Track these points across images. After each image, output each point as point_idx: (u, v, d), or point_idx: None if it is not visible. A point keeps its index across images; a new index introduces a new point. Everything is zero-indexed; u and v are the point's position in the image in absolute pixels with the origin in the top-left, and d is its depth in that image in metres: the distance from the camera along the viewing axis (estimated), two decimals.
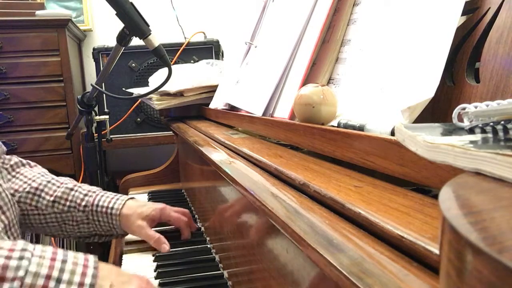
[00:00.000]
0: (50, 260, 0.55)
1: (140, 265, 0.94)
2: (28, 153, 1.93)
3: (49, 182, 0.95)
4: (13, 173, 0.96)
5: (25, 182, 0.94)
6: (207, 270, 0.88)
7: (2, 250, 0.52)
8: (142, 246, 1.02)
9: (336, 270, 0.28)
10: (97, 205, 0.94)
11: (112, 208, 0.94)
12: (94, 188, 0.99)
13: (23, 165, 0.99)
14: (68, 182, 0.98)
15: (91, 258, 0.60)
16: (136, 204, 0.97)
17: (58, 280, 0.53)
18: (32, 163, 1.01)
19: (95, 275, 0.56)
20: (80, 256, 0.59)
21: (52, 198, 0.93)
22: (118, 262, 1.00)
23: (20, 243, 0.56)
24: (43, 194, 0.93)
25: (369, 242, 0.30)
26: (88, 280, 0.55)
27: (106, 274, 0.58)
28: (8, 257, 0.52)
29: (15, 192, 0.93)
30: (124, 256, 1.01)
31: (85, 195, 0.95)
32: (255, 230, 0.59)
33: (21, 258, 0.53)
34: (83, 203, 0.94)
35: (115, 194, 0.98)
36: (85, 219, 0.94)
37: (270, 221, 0.43)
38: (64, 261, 0.56)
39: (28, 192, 0.93)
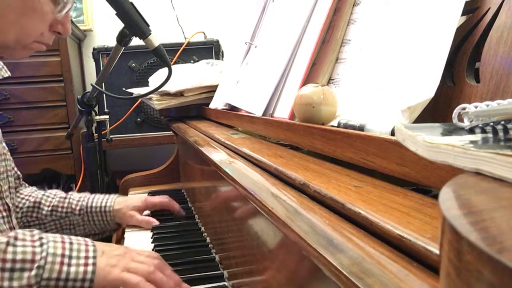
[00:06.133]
0: (61, 243, 0.74)
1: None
2: (28, 153, 1.92)
3: (43, 195, 1.10)
4: (16, 193, 1.08)
5: (23, 199, 1.08)
6: (207, 270, 0.88)
7: (27, 242, 0.71)
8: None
9: (336, 270, 0.28)
10: (91, 207, 1.10)
11: (105, 206, 1.11)
12: (83, 194, 1.14)
13: (20, 184, 1.12)
14: (60, 192, 1.12)
15: (88, 239, 0.79)
16: (124, 199, 1.17)
17: (70, 257, 0.72)
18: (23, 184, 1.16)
19: (95, 249, 0.76)
20: (80, 238, 0.78)
21: (50, 208, 1.08)
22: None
23: (36, 233, 0.73)
24: (41, 206, 1.08)
25: (369, 242, 0.30)
26: (91, 253, 0.75)
27: (101, 246, 0.78)
28: (34, 246, 0.71)
29: (17, 208, 1.06)
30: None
31: (78, 200, 1.10)
32: (255, 230, 0.59)
33: (41, 244, 0.72)
34: (78, 208, 1.09)
35: (104, 195, 1.14)
36: (81, 221, 1.10)
37: (270, 221, 0.43)
38: (70, 243, 0.75)
39: (29, 207, 1.07)
